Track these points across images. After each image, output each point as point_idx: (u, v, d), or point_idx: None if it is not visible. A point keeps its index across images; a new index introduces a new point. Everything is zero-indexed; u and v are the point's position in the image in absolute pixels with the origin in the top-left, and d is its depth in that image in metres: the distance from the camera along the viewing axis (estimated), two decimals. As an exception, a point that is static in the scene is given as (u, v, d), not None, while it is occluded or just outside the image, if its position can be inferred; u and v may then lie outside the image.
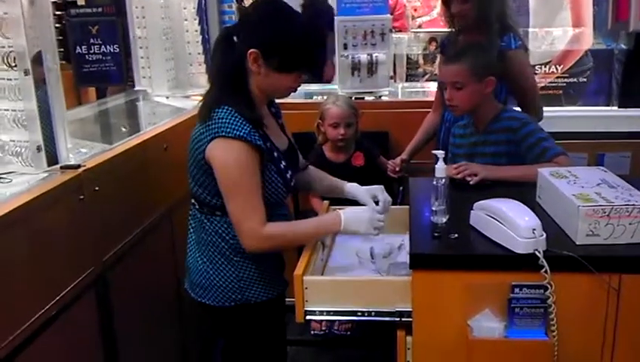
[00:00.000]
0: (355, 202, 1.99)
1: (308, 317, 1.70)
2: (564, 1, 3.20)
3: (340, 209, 1.90)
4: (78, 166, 1.92)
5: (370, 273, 1.83)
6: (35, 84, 1.85)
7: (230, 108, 1.71)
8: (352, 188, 2.01)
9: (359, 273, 1.84)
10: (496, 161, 2.11)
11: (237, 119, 1.69)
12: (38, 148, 1.88)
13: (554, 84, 3.16)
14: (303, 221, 2.04)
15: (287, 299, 1.92)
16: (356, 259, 1.90)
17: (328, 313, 1.70)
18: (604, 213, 1.54)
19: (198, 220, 1.84)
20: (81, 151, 2.09)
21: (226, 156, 1.69)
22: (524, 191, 1.84)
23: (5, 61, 1.82)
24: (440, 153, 1.80)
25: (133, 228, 2.21)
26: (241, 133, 1.68)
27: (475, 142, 2.20)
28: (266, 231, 1.72)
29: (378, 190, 1.94)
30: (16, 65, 1.82)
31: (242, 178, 1.69)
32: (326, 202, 2.23)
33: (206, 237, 1.82)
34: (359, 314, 1.67)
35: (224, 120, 1.69)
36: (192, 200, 1.87)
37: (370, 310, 1.66)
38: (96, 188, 1.95)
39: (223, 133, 1.68)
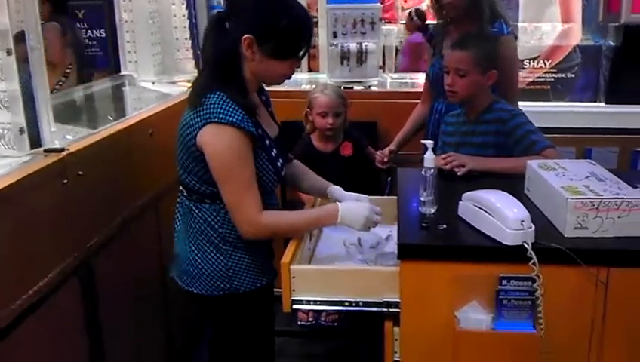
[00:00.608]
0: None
1: (295, 307, 1.69)
2: (554, -4, 3.20)
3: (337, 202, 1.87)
4: (62, 149, 1.88)
5: (357, 263, 1.82)
6: (18, 65, 1.81)
7: (222, 94, 1.68)
8: (336, 191, 1.97)
9: (347, 263, 1.83)
10: (483, 151, 2.11)
11: (229, 105, 1.67)
12: (21, 131, 1.83)
13: (542, 80, 3.15)
14: (300, 211, 2.03)
15: (275, 290, 1.90)
16: (344, 249, 1.88)
17: (315, 303, 1.69)
18: (593, 205, 1.54)
19: (186, 208, 1.82)
20: (65, 137, 2.05)
21: (219, 142, 1.66)
22: (513, 183, 1.83)
23: (-13, 40, 1.78)
24: (429, 143, 1.79)
25: (119, 215, 2.18)
26: (234, 119, 1.65)
27: (465, 131, 2.20)
28: (263, 218, 1.71)
29: (363, 199, 1.90)
30: (-2, 45, 1.78)
31: (236, 164, 1.67)
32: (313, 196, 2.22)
33: (194, 225, 1.80)
34: (347, 304, 1.66)
35: (216, 105, 1.66)
36: (180, 188, 1.84)
37: (358, 300, 1.65)
38: (80, 173, 1.91)
39: (216, 119, 1.65)
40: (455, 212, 1.72)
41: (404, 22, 5.19)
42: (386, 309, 1.63)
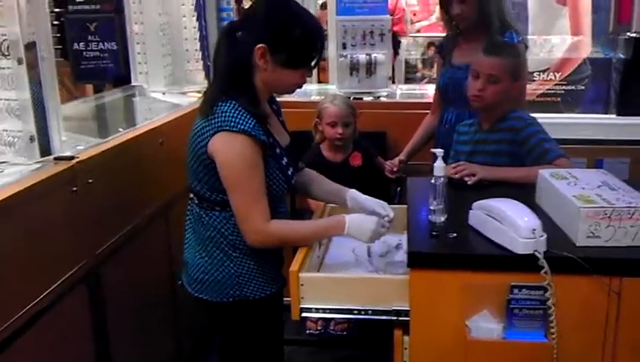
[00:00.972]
0: None
1: (304, 315, 1.67)
2: (563, 9, 3.20)
3: (344, 214, 1.85)
4: (72, 157, 1.89)
5: (366, 271, 1.81)
6: (29, 74, 1.82)
7: (234, 103, 1.68)
8: (355, 195, 1.94)
9: (356, 271, 1.82)
10: (496, 159, 2.09)
11: (241, 113, 1.67)
12: (31, 139, 1.85)
13: (552, 92, 3.15)
14: (308, 221, 2.02)
15: (284, 299, 1.89)
16: (353, 257, 1.87)
17: (324, 310, 1.67)
18: (605, 214, 1.52)
19: (196, 215, 1.82)
20: (76, 147, 2.06)
21: (230, 150, 1.66)
22: (524, 192, 1.81)
23: (-1, 49, 1.79)
24: (439, 151, 1.79)
25: (128, 223, 2.18)
26: (246, 128, 1.65)
27: (478, 139, 2.18)
28: (271, 227, 1.70)
29: (380, 205, 1.87)
30: (9, 54, 1.79)
31: (246, 172, 1.67)
32: (322, 203, 2.21)
33: (204, 233, 1.79)
34: (355, 312, 1.64)
35: (228, 114, 1.66)
36: (191, 195, 1.84)
37: (367, 308, 1.64)
38: (90, 181, 1.92)
39: (227, 127, 1.65)
40: (465, 221, 1.70)
41: (413, 35, 5.21)
42: (395, 318, 1.61)
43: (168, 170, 2.37)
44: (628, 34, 3.01)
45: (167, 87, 3.23)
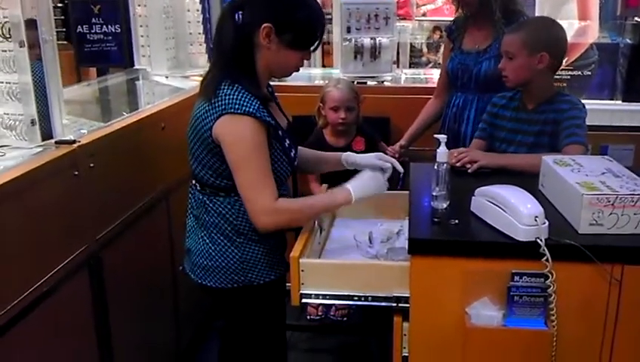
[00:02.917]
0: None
1: (304, 301, 1.68)
2: (570, -7, 3.16)
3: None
4: (73, 141, 1.89)
5: (368, 257, 1.80)
6: (31, 57, 1.81)
7: (237, 85, 1.68)
8: (349, 156, 1.99)
9: (356, 257, 1.82)
10: (538, 139, 2.08)
11: (244, 95, 1.66)
12: (33, 122, 1.85)
13: (558, 77, 3.09)
14: (313, 196, 2.02)
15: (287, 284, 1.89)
16: (354, 243, 1.87)
17: (324, 296, 1.67)
18: (609, 202, 1.51)
19: (199, 201, 1.81)
20: (80, 130, 2.05)
21: (236, 132, 1.66)
22: (527, 179, 1.80)
23: (0, 32, 1.78)
24: (442, 137, 1.77)
25: (129, 207, 2.18)
26: (250, 109, 1.64)
27: (520, 118, 2.15)
28: (280, 205, 1.70)
29: (377, 158, 1.94)
30: (11, 37, 1.79)
31: (253, 153, 1.67)
32: (324, 185, 2.21)
33: (208, 219, 1.79)
34: (355, 298, 1.64)
35: (231, 96, 1.66)
36: (193, 181, 1.84)
37: (367, 295, 1.64)
38: (92, 165, 1.92)
39: (232, 110, 1.64)
40: (467, 207, 1.69)
41: (418, 18, 5.14)
42: (395, 304, 1.61)
43: (170, 154, 2.36)
44: (636, 19, 2.98)
45: (170, 70, 3.22)
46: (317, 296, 1.68)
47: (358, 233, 1.90)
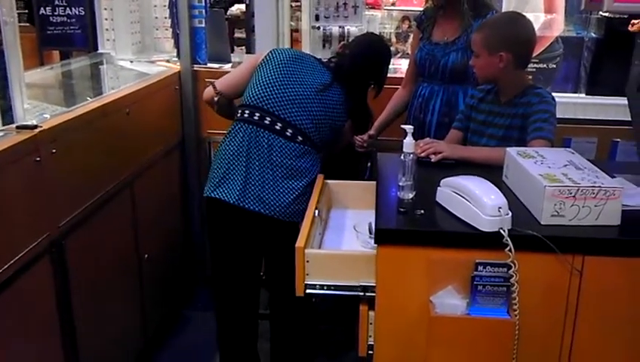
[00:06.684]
0: (348, 176, 2.23)
1: (308, 291, 1.68)
2: (537, -14, 3.20)
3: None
4: (35, 126, 1.85)
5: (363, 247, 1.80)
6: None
7: None
8: None
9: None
10: (507, 133, 2.11)
11: None
12: (-7, 106, 1.80)
13: (524, 69, 3.15)
14: None
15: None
16: (354, 234, 1.87)
17: (329, 287, 1.68)
18: (570, 193, 1.54)
19: (283, 146, 2.13)
20: (43, 115, 2.00)
21: None
22: (491, 171, 1.83)
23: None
24: (409, 128, 1.78)
25: (93, 194, 2.14)
26: None
27: (492, 110, 2.18)
28: None
29: None
30: (-30, 18, 1.73)
31: None
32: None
33: (294, 163, 2.13)
34: (325, 287, 1.65)
35: None
36: (288, 132, 2.14)
37: (334, 284, 1.65)
38: (54, 151, 1.88)
39: None
40: (433, 197, 1.71)
41: (387, 8, 5.14)
42: (362, 293, 1.62)
43: (135, 140, 2.33)
44: (600, 13, 3.02)
45: (135, 55, 3.16)
46: (322, 287, 1.67)
47: (357, 224, 1.89)
